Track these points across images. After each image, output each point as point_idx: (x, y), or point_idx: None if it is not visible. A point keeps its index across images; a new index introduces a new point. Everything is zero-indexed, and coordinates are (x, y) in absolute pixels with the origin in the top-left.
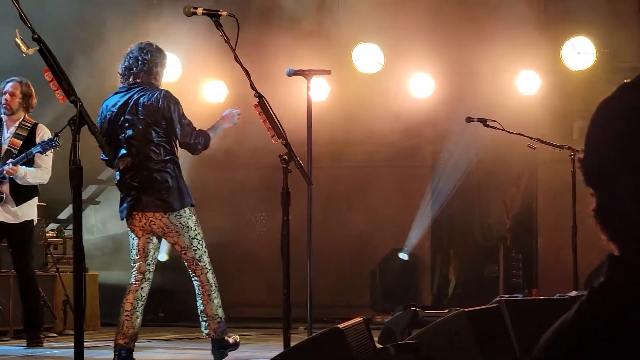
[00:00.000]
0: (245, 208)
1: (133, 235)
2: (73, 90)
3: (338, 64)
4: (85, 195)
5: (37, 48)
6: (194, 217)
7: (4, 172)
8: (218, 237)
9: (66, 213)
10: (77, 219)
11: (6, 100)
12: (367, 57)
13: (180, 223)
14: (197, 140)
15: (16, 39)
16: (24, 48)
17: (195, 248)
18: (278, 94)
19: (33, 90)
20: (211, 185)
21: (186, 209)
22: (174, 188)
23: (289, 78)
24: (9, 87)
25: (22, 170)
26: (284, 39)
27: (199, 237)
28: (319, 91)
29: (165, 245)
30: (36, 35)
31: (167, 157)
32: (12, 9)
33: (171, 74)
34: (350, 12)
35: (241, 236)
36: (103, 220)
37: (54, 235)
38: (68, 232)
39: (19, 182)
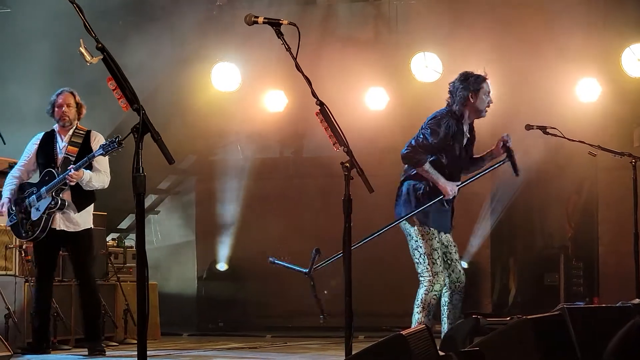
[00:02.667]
0: (306, 216)
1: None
2: (136, 98)
3: (396, 73)
4: (144, 204)
5: (101, 57)
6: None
7: (68, 177)
8: (278, 246)
9: (126, 222)
10: (140, 229)
11: (64, 112)
12: (426, 66)
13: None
14: None
15: (80, 48)
16: (87, 57)
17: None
18: (334, 102)
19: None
20: (272, 194)
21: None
22: None
23: (345, 86)
24: (62, 99)
25: (87, 174)
26: (342, 47)
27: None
28: (377, 100)
29: (225, 254)
30: (100, 45)
31: None
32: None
33: (231, 84)
34: (408, 20)
35: (302, 244)
36: (162, 230)
37: (115, 244)
38: (128, 242)
39: (85, 186)
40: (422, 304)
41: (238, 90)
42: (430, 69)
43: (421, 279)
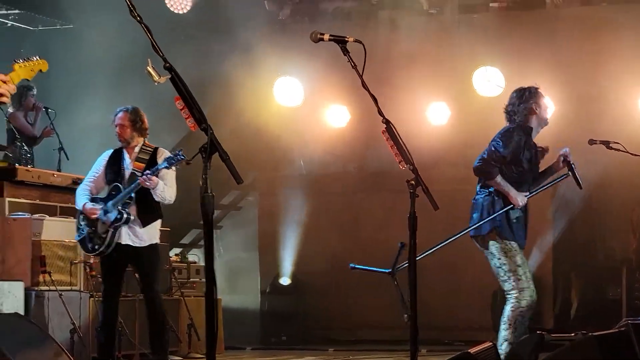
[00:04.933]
0: (369, 231)
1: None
2: (204, 118)
3: (458, 88)
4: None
5: (169, 77)
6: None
7: (143, 179)
8: (341, 260)
9: (189, 237)
10: (208, 247)
11: (118, 132)
12: (488, 80)
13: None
14: None
15: (148, 67)
16: (155, 77)
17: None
18: (396, 117)
19: (143, 114)
20: (334, 209)
21: None
22: None
23: (407, 101)
24: (117, 119)
25: (160, 183)
26: (404, 62)
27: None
28: (439, 115)
29: (288, 269)
30: (168, 64)
31: None
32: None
33: (294, 99)
34: (470, 35)
35: (365, 259)
36: (225, 245)
37: (178, 259)
38: (191, 257)
39: (157, 196)
40: (509, 321)
41: (301, 105)
42: (492, 84)
43: (508, 296)
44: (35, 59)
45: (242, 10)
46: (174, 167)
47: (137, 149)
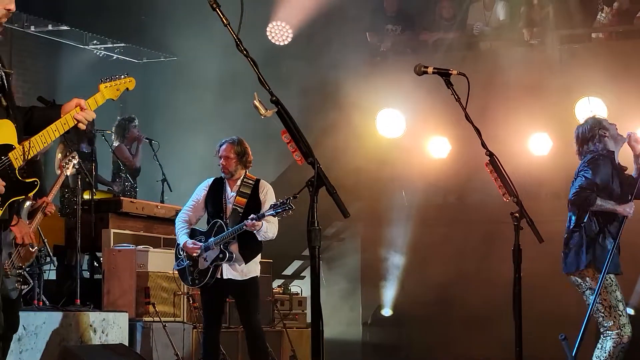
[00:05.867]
0: (471, 262)
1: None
2: (311, 152)
3: (560, 118)
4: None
5: (275, 110)
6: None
7: (245, 225)
8: (443, 291)
9: (291, 269)
10: (314, 280)
11: (223, 165)
12: (590, 110)
13: None
14: None
15: (255, 101)
16: (262, 110)
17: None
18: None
19: (247, 146)
20: (435, 240)
21: None
22: None
23: (509, 131)
24: (222, 150)
25: (264, 225)
26: (505, 92)
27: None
28: (541, 146)
29: (389, 300)
30: (274, 98)
31: None
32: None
33: (395, 130)
34: (572, 65)
35: (466, 291)
36: (327, 276)
37: (280, 291)
38: (294, 288)
39: (260, 237)
40: (611, 358)
41: (403, 136)
42: (594, 114)
43: (608, 332)
44: (122, 77)
45: (343, 42)
46: None
47: (239, 182)
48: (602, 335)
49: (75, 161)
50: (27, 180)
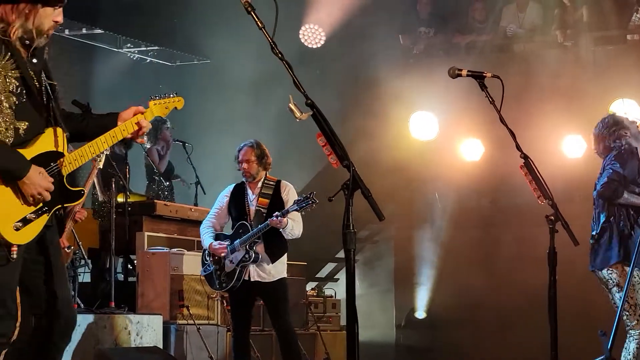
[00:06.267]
0: (503, 265)
1: None
2: (346, 155)
3: (594, 120)
4: (342, 254)
5: (310, 113)
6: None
7: (271, 222)
8: (476, 294)
9: (325, 271)
10: (350, 283)
11: (244, 168)
12: (625, 112)
13: None
14: None
15: (290, 104)
16: (297, 113)
17: None
18: (531, 149)
19: (266, 148)
20: (468, 242)
21: None
22: None
23: (542, 133)
24: (242, 154)
25: (290, 222)
26: (539, 94)
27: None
28: (575, 148)
29: (423, 302)
30: (309, 101)
31: None
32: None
33: (429, 132)
34: (606, 66)
35: (499, 293)
36: (361, 278)
37: (314, 294)
38: (328, 291)
39: (287, 235)
40: (635, 359)
41: (436, 139)
42: (629, 115)
43: (631, 332)
44: (171, 95)
45: (376, 44)
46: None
47: (260, 184)
48: (627, 335)
49: (107, 152)
50: (74, 189)
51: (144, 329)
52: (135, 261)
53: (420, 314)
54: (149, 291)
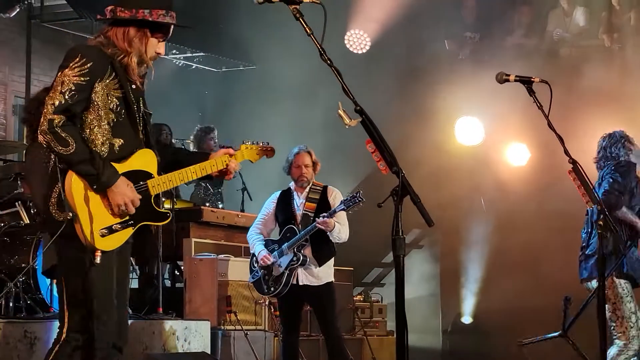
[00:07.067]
0: (549, 270)
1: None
2: (395, 161)
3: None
4: (388, 259)
5: (360, 120)
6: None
7: (317, 223)
8: (522, 299)
9: (371, 276)
10: (399, 288)
11: (303, 173)
12: None
13: None
14: None
15: (339, 111)
16: (346, 120)
17: None
18: (578, 155)
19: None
20: (515, 247)
21: None
22: None
23: (587, 138)
24: (299, 159)
25: (337, 225)
26: (584, 98)
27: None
28: None
29: (469, 307)
30: (358, 107)
31: None
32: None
33: (475, 137)
34: None
35: (545, 298)
36: (407, 283)
37: (361, 299)
38: (374, 296)
39: (334, 238)
40: None
41: (481, 144)
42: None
43: (615, 340)
44: (264, 143)
45: (421, 50)
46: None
47: (307, 189)
48: (612, 342)
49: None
50: (160, 210)
51: (192, 334)
52: (182, 267)
53: (467, 319)
54: (197, 297)
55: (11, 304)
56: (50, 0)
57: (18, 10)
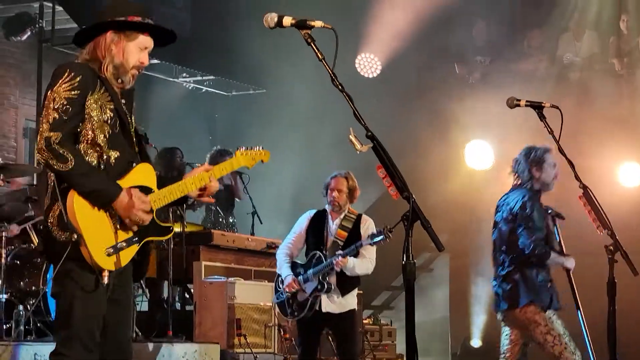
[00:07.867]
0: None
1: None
2: (406, 186)
3: None
4: (398, 282)
5: (371, 145)
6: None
7: (334, 263)
8: None
9: (380, 299)
10: (409, 312)
11: (334, 198)
12: None
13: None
14: None
15: (350, 136)
16: (357, 145)
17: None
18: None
19: (355, 181)
20: None
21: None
22: None
23: (598, 162)
24: (335, 183)
25: (351, 261)
26: (594, 122)
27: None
28: (631, 176)
29: (479, 331)
30: (369, 133)
31: None
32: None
33: (484, 162)
34: None
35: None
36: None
37: (370, 322)
38: (383, 319)
39: (348, 273)
40: None
41: (491, 168)
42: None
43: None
44: (257, 148)
45: (431, 74)
46: None
47: (342, 215)
48: None
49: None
50: (163, 224)
51: (202, 357)
52: (192, 290)
53: (476, 342)
54: (207, 320)
55: (21, 327)
56: (62, 24)
57: (29, 33)
